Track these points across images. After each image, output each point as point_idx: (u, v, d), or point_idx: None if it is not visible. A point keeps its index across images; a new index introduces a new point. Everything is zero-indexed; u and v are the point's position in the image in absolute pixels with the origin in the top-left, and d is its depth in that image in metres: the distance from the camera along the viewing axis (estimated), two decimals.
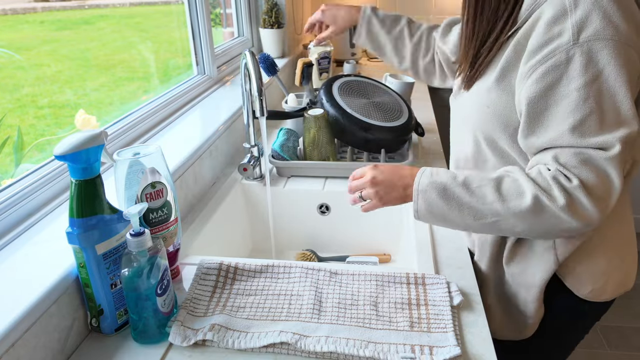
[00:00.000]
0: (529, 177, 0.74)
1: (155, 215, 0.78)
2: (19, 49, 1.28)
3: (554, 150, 0.74)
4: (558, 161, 0.73)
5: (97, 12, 1.82)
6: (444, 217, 0.79)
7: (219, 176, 1.29)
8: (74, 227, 0.68)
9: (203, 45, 1.61)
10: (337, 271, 0.86)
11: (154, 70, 1.94)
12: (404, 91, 1.64)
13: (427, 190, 0.79)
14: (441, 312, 0.76)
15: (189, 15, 1.57)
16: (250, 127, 1.23)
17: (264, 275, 0.86)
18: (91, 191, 0.68)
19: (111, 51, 1.80)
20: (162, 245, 0.73)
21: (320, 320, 0.76)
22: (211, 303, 0.80)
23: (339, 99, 1.33)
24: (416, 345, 0.70)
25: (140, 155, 0.76)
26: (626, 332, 2.10)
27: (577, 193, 0.71)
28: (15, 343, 0.61)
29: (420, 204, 0.80)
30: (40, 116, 1.38)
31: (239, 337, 0.72)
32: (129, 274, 0.69)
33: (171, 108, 1.36)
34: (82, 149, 0.66)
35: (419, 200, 0.80)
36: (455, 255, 0.94)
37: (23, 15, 1.42)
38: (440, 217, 0.79)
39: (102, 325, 0.74)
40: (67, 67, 1.58)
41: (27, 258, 0.73)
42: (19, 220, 0.81)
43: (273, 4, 2.09)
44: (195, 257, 0.94)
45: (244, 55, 1.11)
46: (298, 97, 1.60)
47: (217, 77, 1.69)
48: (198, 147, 1.15)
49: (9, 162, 1.21)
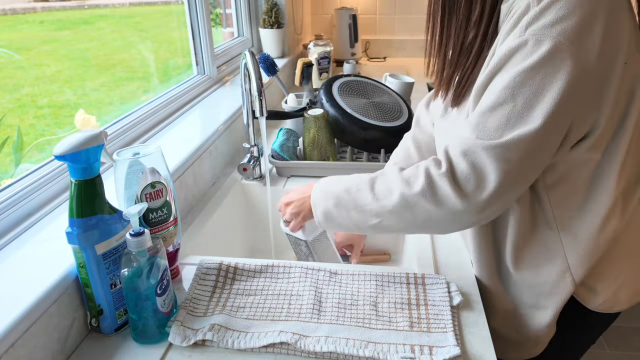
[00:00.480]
0: (401, 172, 0.74)
1: (155, 215, 0.78)
2: (19, 49, 1.28)
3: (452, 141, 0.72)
4: (446, 151, 0.71)
5: (97, 12, 1.82)
6: (340, 223, 0.81)
7: (219, 176, 1.29)
8: (73, 227, 0.68)
9: (203, 45, 1.61)
10: (336, 271, 0.86)
11: (154, 70, 1.94)
12: (403, 91, 1.64)
13: (320, 200, 0.82)
14: (441, 312, 0.76)
15: (189, 15, 1.57)
16: (250, 127, 1.23)
17: (263, 275, 0.86)
18: (91, 191, 0.68)
19: (111, 51, 1.80)
20: (161, 245, 0.73)
21: (320, 320, 0.76)
22: (211, 303, 0.80)
23: (339, 99, 1.33)
24: (416, 345, 0.70)
25: (140, 155, 0.76)
26: (626, 332, 2.10)
27: (439, 179, 0.69)
28: (15, 343, 0.61)
29: (318, 215, 0.83)
30: (40, 116, 1.38)
31: (239, 337, 0.72)
32: (129, 274, 0.69)
33: (171, 108, 1.36)
34: (81, 149, 0.66)
35: (317, 211, 0.83)
36: (455, 255, 0.94)
37: (23, 15, 1.42)
38: (337, 223, 0.81)
39: (101, 325, 0.74)
40: (66, 67, 1.58)
41: (27, 258, 0.73)
42: (18, 220, 0.81)
43: (273, 4, 2.09)
44: (195, 257, 0.94)
45: (243, 55, 1.11)
46: (298, 97, 1.60)
47: (217, 77, 1.69)
48: (198, 147, 1.15)
49: (8, 162, 1.21)
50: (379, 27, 2.79)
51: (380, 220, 0.75)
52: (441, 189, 0.69)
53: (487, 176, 0.67)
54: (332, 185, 0.82)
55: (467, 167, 0.68)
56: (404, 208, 0.72)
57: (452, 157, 0.70)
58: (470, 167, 0.68)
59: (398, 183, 0.73)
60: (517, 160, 0.67)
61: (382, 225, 0.76)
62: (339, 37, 2.57)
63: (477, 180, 0.68)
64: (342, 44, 2.58)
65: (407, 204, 0.72)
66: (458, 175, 0.69)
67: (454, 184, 0.68)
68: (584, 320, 0.87)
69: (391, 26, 2.77)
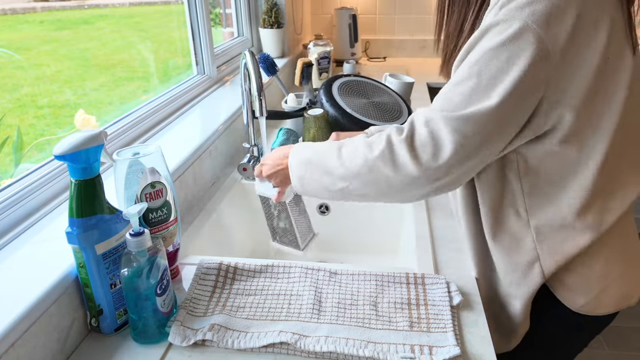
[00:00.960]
0: (367, 139, 0.76)
1: (154, 215, 0.78)
2: (19, 48, 1.28)
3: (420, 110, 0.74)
4: (411, 120, 0.73)
5: (97, 11, 1.82)
6: (312, 188, 0.82)
7: (219, 176, 1.29)
8: (73, 227, 0.68)
9: (203, 45, 1.61)
10: (336, 271, 0.86)
11: (154, 70, 1.94)
12: (403, 91, 1.64)
13: (296, 166, 0.83)
14: (441, 312, 0.76)
15: (189, 15, 1.57)
16: (249, 127, 1.23)
17: (263, 275, 0.86)
18: (91, 191, 0.68)
19: (111, 51, 1.81)
20: (161, 245, 0.73)
21: (319, 320, 0.76)
22: (211, 303, 0.80)
23: (339, 99, 1.33)
24: (416, 345, 0.70)
25: (140, 155, 0.76)
26: (625, 332, 2.11)
27: (397, 144, 0.71)
28: (15, 343, 0.61)
29: (295, 181, 0.83)
30: (40, 116, 1.38)
31: (239, 337, 0.72)
32: (129, 274, 0.69)
33: (171, 108, 1.36)
34: (81, 149, 0.66)
35: (293, 177, 0.83)
36: (455, 255, 0.94)
37: (23, 15, 1.42)
38: (311, 188, 0.82)
39: (101, 325, 0.74)
40: (66, 67, 1.58)
41: (26, 258, 0.73)
42: (18, 220, 0.81)
43: (273, 4, 2.09)
44: (194, 257, 0.94)
45: (243, 55, 1.11)
46: (298, 97, 1.60)
47: (217, 77, 1.69)
48: (198, 147, 1.15)
49: (8, 162, 1.21)
50: (378, 27, 2.79)
51: (347, 185, 0.76)
52: (399, 154, 0.71)
53: (442, 146, 0.69)
54: (306, 150, 0.83)
55: (425, 135, 0.70)
56: (366, 171, 0.74)
57: (415, 125, 0.72)
58: (428, 135, 0.69)
59: (362, 147, 0.75)
60: (472, 134, 0.68)
61: (349, 190, 0.77)
62: (338, 37, 2.57)
63: (433, 148, 0.69)
64: (342, 44, 2.58)
65: (368, 168, 0.73)
66: (416, 142, 0.70)
67: (411, 150, 0.70)
68: (569, 321, 0.87)
69: (391, 26, 2.77)
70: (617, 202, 0.79)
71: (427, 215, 1.06)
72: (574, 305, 0.84)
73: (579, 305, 0.84)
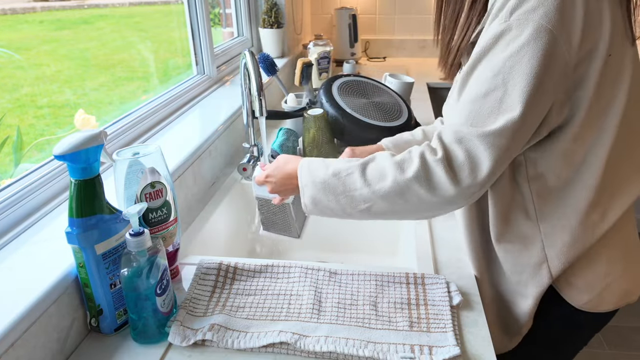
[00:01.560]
0: (393, 157, 0.75)
1: (154, 215, 0.78)
2: (19, 48, 1.28)
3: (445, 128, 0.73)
4: (440, 138, 0.72)
5: (97, 11, 1.82)
6: (327, 207, 0.79)
7: (219, 176, 1.29)
8: (73, 227, 0.68)
9: (202, 45, 1.61)
10: (336, 271, 0.86)
11: (154, 70, 1.94)
12: (403, 91, 1.64)
13: (308, 186, 0.80)
14: (441, 312, 0.77)
15: (189, 15, 1.57)
16: (249, 127, 1.23)
17: (263, 275, 0.86)
18: (91, 191, 0.68)
19: (110, 51, 1.80)
20: (161, 245, 0.73)
21: (319, 320, 0.76)
22: (211, 303, 0.80)
23: (339, 99, 1.33)
24: (415, 345, 0.70)
25: (140, 155, 0.76)
26: (625, 332, 2.11)
27: (434, 165, 0.70)
28: (15, 343, 0.61)
29: (307, 201, 0.81)
30: (40, 116, 1.38)
31: (239, 337, 0.72)
32: (129, 274, 0.69)
33: (171, 108, 1.36)
34: (81, 149, 0.66)
35: (304, 195, 0.81)
36: (455, 255, 0.94)
37: (22, 15, 1.42)
38: (325, 209, 0.80)
39: (101, 325, 0.74)
40: (66, 67, 1.58)
41: (26, 258, 0.73)
42: (18, 220, 0.81)
43: (273, 4, 2.09)
44: (194, 257, 0.94)
45: (243, 55, 1.11)
46: (298, 97, 1.60)
47: (217, 77, 1.69)
48: (197, 147, 1.15)
49: (8, 162, 1.21)
50: (378, 27, 2.79)
51: (370, 205, 0.75)
52: (436, 174, 0.70)
53: (480, 163, 0.69)
54: (320, 170, 0.80)
55: (462, 155, 0.69)
56: (397, 193, 0.72)
57: (447, 144, 0.71)
58: (465, 155, 0.69)
59: (391, 168, 0.73)
60: (506, 145, 0.68)
61: (371, 211, 0.76)
62: (338, 37, 2.57)
63: (470, 167, 0.69)
64: (341, 44, 2.58)
65: (400, 189, 0.72)
66: (453, 163, 0.70)
67: (449, 171, 0.70)
68: (571, 319, 0.88)
69: (391, 26, 2.78)
70: (620, 201, 0.80)
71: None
72: (577, 302, 0.85)
73: (582, 302, 0.84)
